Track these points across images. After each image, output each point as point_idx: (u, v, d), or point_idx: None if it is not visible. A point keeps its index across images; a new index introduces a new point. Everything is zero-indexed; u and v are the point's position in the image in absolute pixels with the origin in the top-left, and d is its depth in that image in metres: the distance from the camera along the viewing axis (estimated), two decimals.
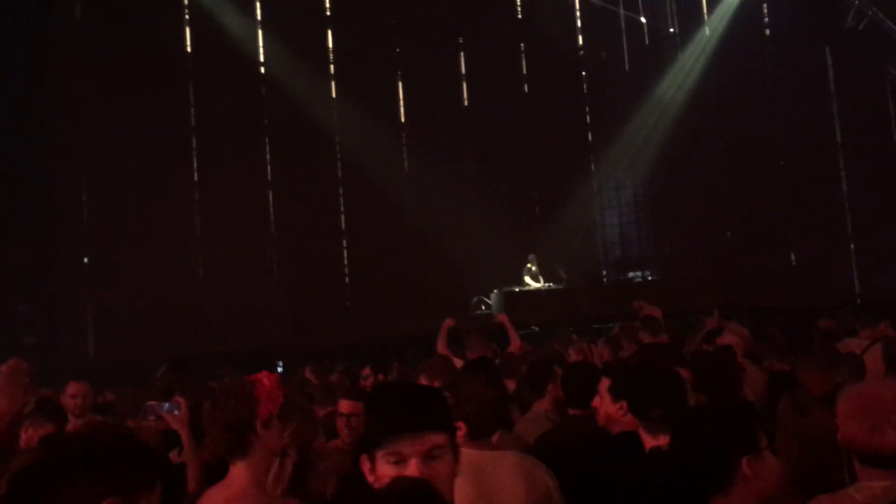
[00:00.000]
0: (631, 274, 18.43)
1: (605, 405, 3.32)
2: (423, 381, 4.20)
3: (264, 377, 2.54)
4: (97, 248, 15.17)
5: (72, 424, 4.49)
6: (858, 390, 2.37)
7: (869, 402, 2.27)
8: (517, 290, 15.87)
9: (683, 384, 3.09)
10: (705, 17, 19.50)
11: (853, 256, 18.98)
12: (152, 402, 3.41)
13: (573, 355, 5.86)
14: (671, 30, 19.60)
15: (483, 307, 16.11)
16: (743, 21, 18.98)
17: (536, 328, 14.60)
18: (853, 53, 19.04)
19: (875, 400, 2.27)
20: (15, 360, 3.20)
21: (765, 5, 19.73)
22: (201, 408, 2.72)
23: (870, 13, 19.00)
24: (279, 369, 12.37)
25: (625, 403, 3.17)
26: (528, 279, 16.05)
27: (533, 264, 16.14)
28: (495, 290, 15.84)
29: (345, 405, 3.85)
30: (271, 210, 17.21)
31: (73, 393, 5.37)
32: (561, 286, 16.29)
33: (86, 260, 14.87)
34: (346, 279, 17.68)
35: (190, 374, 5.70)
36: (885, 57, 19.29)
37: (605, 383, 3.37)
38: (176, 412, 3.36)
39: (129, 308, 14.27)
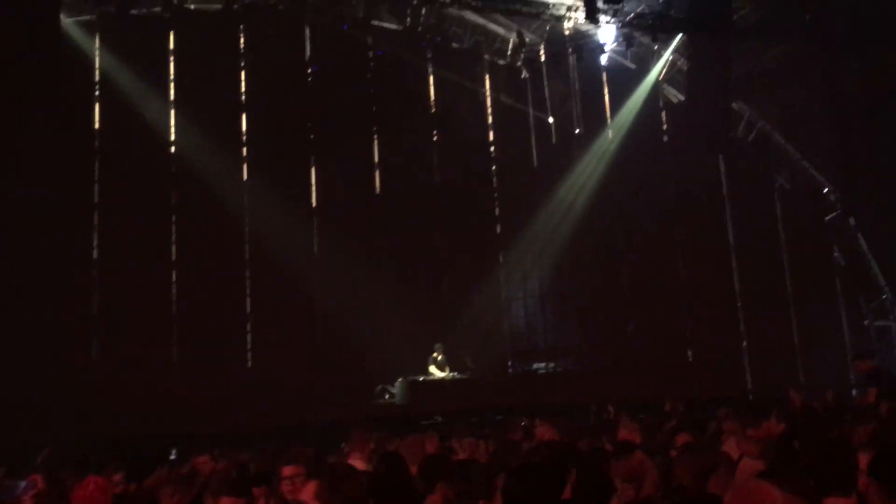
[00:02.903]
0: (535, 365, 18.62)
1: None
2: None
3: (90, 483, 2.48)
4: None
5: None
6: (749, 487, 2.49)
7: (762, 498, 2.39)
8: (421, 378, 15.83)
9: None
10: (608, 120, 20.53)
11: (745, 352, 19.75)
12: (9, 481, 3.28)
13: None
14: (577, 130, 20.50)
15: (387, 395, 15.95)
16: (643, 126, 20.07)
17: (440, 418, 14.53)
18: (744, 161, 20.34)
19: (767, 496, 2.39)
20: None
21: (663, 113, 20.95)
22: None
23: (759, 125, 20.40)
24: (172, 457, 11.90)
25: None
26: (432, 368, 16.06)
27: (439, 353, 16.18)
28: (400, 379, 15.75)
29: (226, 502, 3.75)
30: (174, 291, 16.77)
31: None
32: (466, 376, 16.33)
33: None
34: (249, 363, 17.26)
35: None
36: (772, 165, 20.65)
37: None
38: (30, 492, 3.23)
39: (18, 388, 13.55)
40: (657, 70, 20.31)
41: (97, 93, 16.65)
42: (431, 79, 20.13)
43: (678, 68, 20.35)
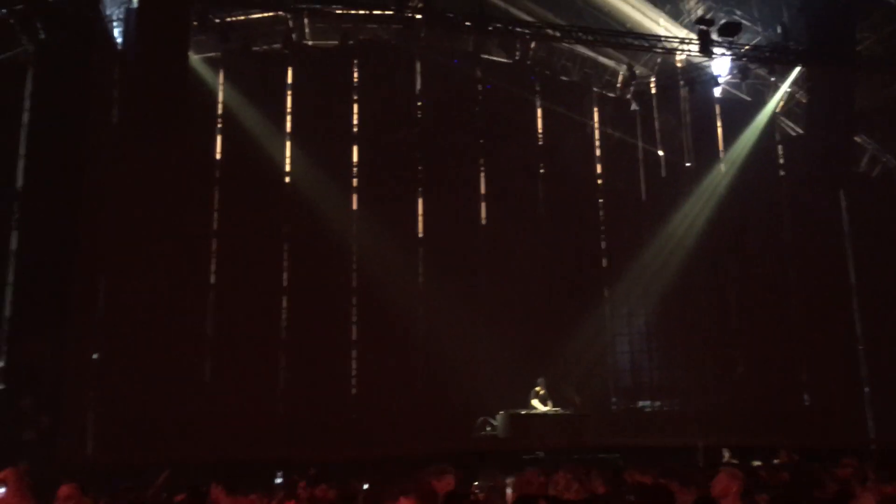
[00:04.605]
0: (641, 403, 18.17)
1: None
2: None
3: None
4: (108, 345, 15.21)
5: None
6: None
7: None
8: (523, 412, 15.67)
9: None
10: (721, 153, 19.97)
11: (867, 399, 18.64)
12: None
13: None
14: (687, 164, 20.04)
15: (488, 428, 15.87)
16: (758, 160, 19.39)
17: (541, 453, 14.34)
18: (867, 198, 19.32)
19: None
20: (11, 470, 3.19)
21: (780, 147, 20.22)
22: None
23: (884, 160, 19.41)
24: (277, 481, 12.15)
25: None
26: (535, 402, 15.88)
27: (542, 388, 15.99)
28: (501, 412, 15.65)
29: None
30: (284, 317, 17.26)
31: (65, 496, 5.33)
32: (569, 411, 16.07)
33: (95, 356, 14.89)
34: (353, 391, 17.53)
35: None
36: None
37: None
38: None
39: (132, 408, 14.22)
40: (774, 102, 19.64)
41: (220, 125, 17.47)
42: (539, 111, 20.14)
43: (796, 100, 19.64)
